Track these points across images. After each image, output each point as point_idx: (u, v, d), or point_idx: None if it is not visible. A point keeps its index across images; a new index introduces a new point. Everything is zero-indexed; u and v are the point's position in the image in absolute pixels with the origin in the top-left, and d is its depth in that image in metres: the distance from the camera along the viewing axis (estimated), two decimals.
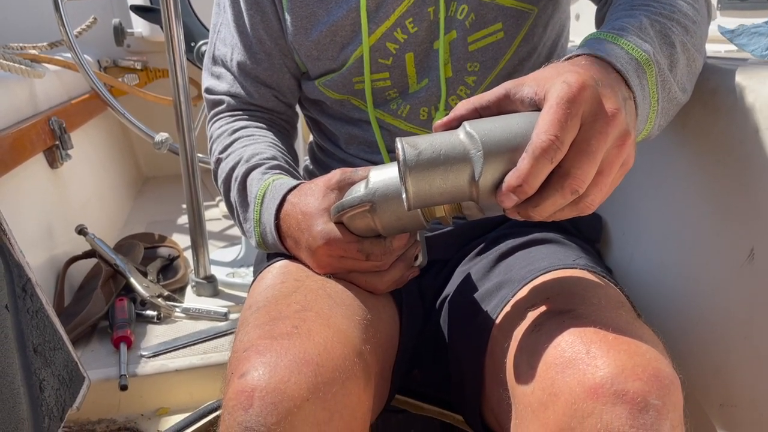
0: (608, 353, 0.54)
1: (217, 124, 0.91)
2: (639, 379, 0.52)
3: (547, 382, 0.55)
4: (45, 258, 1.23)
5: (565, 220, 0.87)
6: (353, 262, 0.69)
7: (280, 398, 0.55)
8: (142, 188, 2.28)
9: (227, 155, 0.85)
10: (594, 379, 0.52)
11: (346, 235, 0.68)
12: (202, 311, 1.20)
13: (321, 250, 0.69)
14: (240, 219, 0.83)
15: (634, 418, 0.51)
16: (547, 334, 0.58)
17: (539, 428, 0.55)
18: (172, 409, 1.00)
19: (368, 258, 0.68)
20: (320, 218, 0.70)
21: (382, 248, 0.68)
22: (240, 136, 0.86)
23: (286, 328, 0.61)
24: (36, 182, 1.30)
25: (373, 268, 0.70)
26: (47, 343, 0.80)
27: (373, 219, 0.65)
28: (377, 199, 0.64)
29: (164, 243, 1.51)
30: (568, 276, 0.70)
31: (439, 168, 0.54)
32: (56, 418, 0.78)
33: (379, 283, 0.71)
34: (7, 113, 1.21)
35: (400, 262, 0.71)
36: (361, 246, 0.68)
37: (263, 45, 0.87)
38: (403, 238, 0.68)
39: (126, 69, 2.15)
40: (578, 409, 0.52)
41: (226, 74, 0.91)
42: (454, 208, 0.62)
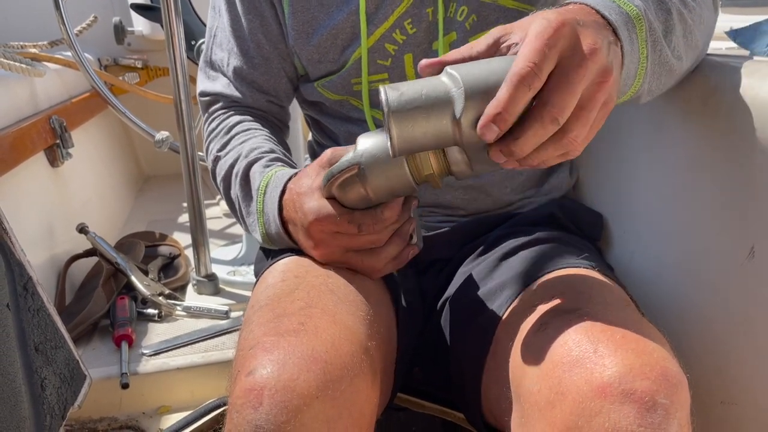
0: (616, 352, 0.54)
1: (212, 123, 0.91)
2: (647, 378, 0.52)
3: (555, 380, 0.55)
4: (46, 257, 1.23)
5: (566, 218, 0.87)
6: (347, 238, 0.68)
7: (289, 396, 0.55)
8: (143, 187, 2.28)
9: (226, 152, 0.85)
10: (602, 378, 0.52)
11: (336, 208, 0.67)
12: (203, 309, 1.20)
13: (313, 226, 0.69)
14: (242, 214, 0.83)
15: (642, 417, 0.51)
16: (553, 333, 0.58)
17: (546, 427, 0.55)
18: (174, 408, 1.01)
19: (360, 229, 0.66)
20: (312, 195, 0.69)
21: (373, 218, 0.66)
22: (237, 132, 0.86)
23: (292, 324, 0.61)
24: (37, 181, 1.30)
25: (368, 243, 0.68)
26: (48, 341, 0.80)
27: (363, 183, 0.64)
28: (364, 161, 0.63)
29: (165, 241, 1.51)
30: (573, 275, 0.70)
31: (422, 108, 0.54)
32: (58, 416, 0.78)
33: (377, 261, 0.70)
34: (7, 112, 1.21)
35: (396, 238, 0.69)
36: (351, 217, 0.66)
37: (261, 49, 0.87)
38: (395, 207, 0.66)
39: (126, 67, 2.15)
40: (586, 408, 0.52)
41: (222, 78, 0.91)
42: (442, 166, 0.61)
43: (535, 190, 0.91)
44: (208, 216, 1.38)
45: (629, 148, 0.89)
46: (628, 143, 0.90)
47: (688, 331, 0.78)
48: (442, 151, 0.61)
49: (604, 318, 0.58)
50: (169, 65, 1.20)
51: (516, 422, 0.62)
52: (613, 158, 0.93)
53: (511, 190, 0.88)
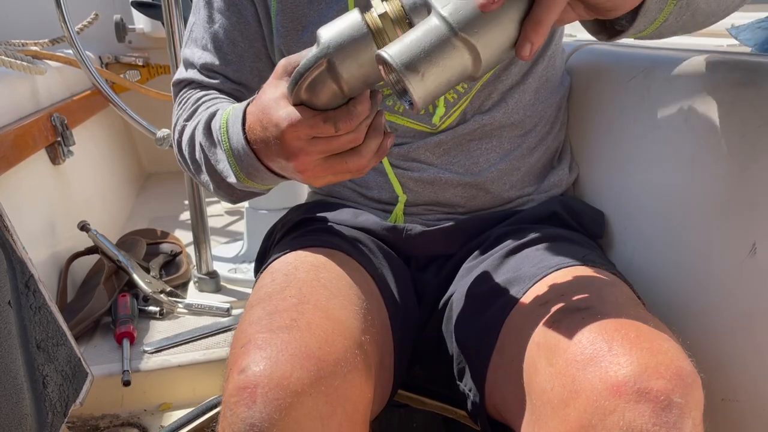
0: (631, 351, 0.54)
1: (178, 103, 0.89)
2: (662, 377, 0.52)
3: (568, 379, 0.55)
4: (48, 254, 1.24)
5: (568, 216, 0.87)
6: (326, 141, 0.62)
7: (283, 393, 0.55)
8: (144, 184, 2.28)
9: (193, 120, 0.82)
10: (617, 377, 0.52)
11: (308, 111, 0.61)
12: (204, 307, 1.20)
13: (287, 133, 0.62)
14: (211, 166, 0.77)
15: (657, 416, 0.51)
16: (566, 331, 0.58)
17: (559, 425, 0.55)
18: (175, 405, 1.01)
19: (337, 127, 0.61)
20: (278, 105, 0.63)
21: (348, 113, 0.60)
22: (203, 101, 0.83)
23: (284, 321, 0.60)
24: (38, 179, 1.30)
25: (347, 143, 0.62)
26: (50, 339, 0.80)
27: (334, 77, 0.59)
28: (332, 51, 0.58)
29: (166, 239, 1.51)
30: (581, 273, 0.70)
31: None
32: (59, 413, 0.78)
33: (361, 159, 0.64)
34: (8, 110, 1.21)
35: (372, 132, 0.63)
36: (326, 116, 0.61)
37: (235, 47, 0.86)
38: (365, 100, 0.61)
39: (127, 65, 2.15)
40: (600, 406, 0.52)
41: (191, 70, 0.90)
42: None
43: (535, 187, 0.91)
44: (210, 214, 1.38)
45: (630, 144, 0.89)
46: (628, 140, 0.90)
47: (690, 329, 0.78)
48: (407, 23, 0.57)
49: (617, 316, 0.58)
50: (170, 63, 1.20)
51: (527, 420, 0.62)
52: (613, 155, 0.93)
53: (510, 186, 0.88)
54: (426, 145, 0.85)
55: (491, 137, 0.86)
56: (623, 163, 0.91)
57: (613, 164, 0.93)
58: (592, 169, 0.98)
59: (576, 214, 0.89)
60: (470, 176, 0.85)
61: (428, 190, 0.86)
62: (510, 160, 0.87)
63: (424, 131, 0.85)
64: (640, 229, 0.88)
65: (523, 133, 0.88)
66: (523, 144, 0.88)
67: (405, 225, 0.87)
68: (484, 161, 0.86)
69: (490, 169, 0.86)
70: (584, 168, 0.99)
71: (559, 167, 0.93)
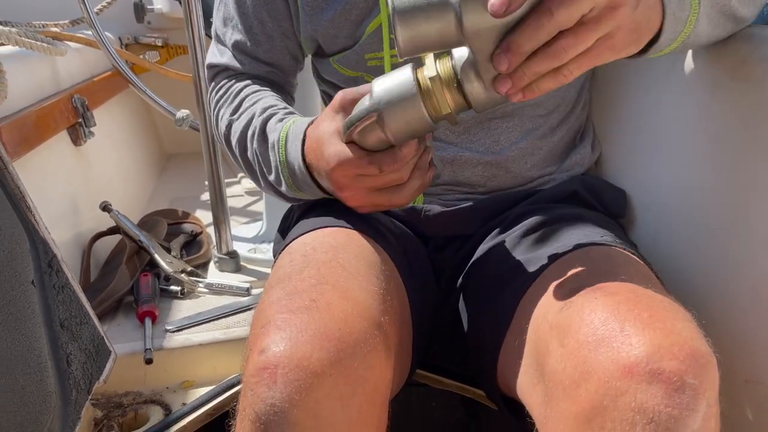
0: (643, 331, 0.53)
1: (219, 92, 0.91)
2: (675, 358, 0.51)
3: (580, 360, 0.55)
4: (70, 234, 1.25)
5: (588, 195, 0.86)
6: (370, 179, 0.68)
7: (303, 374, 0.55)
8: (165, 165, 2.29)
9: (239, 115, 0.85)
10: (629, 358, 0.52)
11: (356, 151, 0.67)
12: (224, 286, 1.21)
13: (335, 171, 0.69)
14: (263, 171, 0.83)
15: (669, 397, 0.50)
16: (578, 312, 0.58)
17: (570, 406, 0.55)
18: (197, 383, 1.02)
19: (382, 170, 0.67)
20: (330, 140, 0.69)
21: (393, 157, 0.66)
22: (246, 95, 0.87)
23: (303, 301, 0.61)
24: (60, 160, 1.32)
25: (391, 182, 0.69)
26: (73, 317, 0.81)
27: (382, 128, 0.64)
28: (383, 107, 0.64)
29: (187, 219, 1.52)
30: (597, 252, 0.69)
31: (424, 5, 0.56)
32: (83, 390, 0.79)
33: (402, 198, 0.70)
34: (30, 91, 1.22)
35: (416, 171, 0.69)
36: (372, 159, 0.67)
37: (264, 26, 0.87)
38: (412, 144, 0.67)
39: (147, 46, 2.15)
40: (612, 387, 0.52)
41: (225, 51, 0.91)
42: (457, 99, 0.62)
43: (556, 167, 0.89)
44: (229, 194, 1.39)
45: (653, 122, 0.87)
46: (652, 117, 0.88)
47: (714, 309, 0.77)
48: (456, 86, 0.61)
49: (631, 296, 0.57)
50: (188, 43, 1.20)
51: (539, 400, 0.61)
52: (637, 133, 0.91)
53: (532, 165, 0.87)
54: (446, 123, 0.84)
55: (513, 116, 0.85)
56: (647, 142, 0.89)
57: (637, 142, 0.91)
58: (615, 148, 0.96)
59: (597, 193, 0.88)
60: (491, 155, 0.84)
61: (448, 170, 0.85)
62: (531, 140, 0.86)
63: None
64: (663, 208, 0.86)
65: (546, 112, 0.87)
66: (545, 124, 0.87)
67: (423, 206, 0.86)
68: (505, 140, 0.85)
69: (511, 147, 0.85)
70: (607, 146, 0.97)
71: (581, 146, 0.92)
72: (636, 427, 0.51)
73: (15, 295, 0.71)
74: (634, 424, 0.51)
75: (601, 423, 0.52)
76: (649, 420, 0.50)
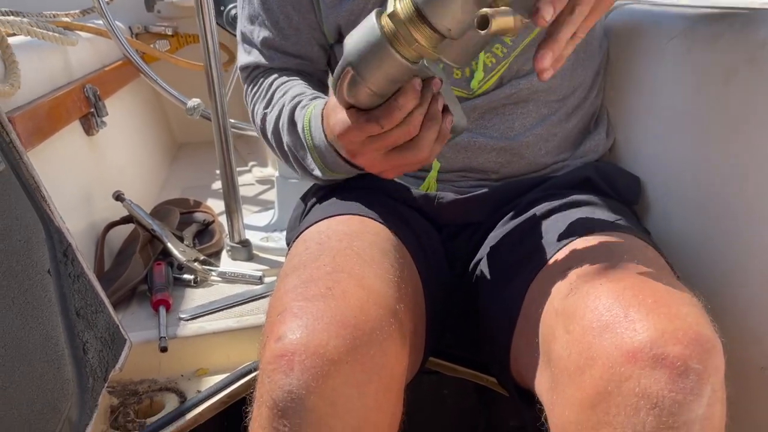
0: (647, 317, 0.53)
1: (253, 89, 0.92)
2: (679, 343, 0.51)
3: (584, 345, 0.55)
4: (84, 224, 1.26)
5: (602, 182, 0.85)
6: (378, 139, 0.65)
7: (319, 362, 0.55)
8: (176, 154, 2.30)
9: (271, 108, 0.86)
10: (632, 343, 0.52)
11: (353, 114, 0.65)
12: (237, 275, 1.21)
13: (341, 140, 0.67)
14: (299, 159, 0.82)
15: (673, 382, 0.50)
16: (583, 298, 0.58)
17: (575, 392, 0.55)
18: (211, 370, 1.03)
19: (381, 124, 0.63)
20: (334, 112, 0.68)
21: (387, 109, 0.62)
22: (277, 87, 0.87)
23: (319, 289, 0.61)
24: (73, 149, 1.32)
25: (400, 137, 0.64)
26: (89, 306, 0.82)
27: (364, 82, 0.61)
28: (355, 59, 0.60)
29: (199, 208, 1.53)
30: (607, 239, 0.69)
31: None
32: (100, 378, 0.80)
33: (420, 151, 0.65)
34: (42, 81, 1.22)
35: (428, 122, 0.64)
36: (368, 116, 0.63)
37: (290, 20, 0.87)
38: (408, 91, 0.62)
39: (157, 35, 2.15)
40: (616, 373, 0.52)
41: (252, 50, 0.92)
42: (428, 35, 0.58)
43: (570, 153, 0.89)
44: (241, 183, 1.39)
45: (669, 108, 0.86)
46: (667, 103, 0.87)
47: (728, 296, 0.76)
48: (419, 18, 0.57)
49: (636, 282, 0.57)
50: (199, 32, 1.20)
51: (545, 386, 0.62)
52: (651, 119, 0.90)
53: (546, 152, 0.86)
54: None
55: (528, 101, 0.84)
56: (662, 128, 0.88)
57: (652, 129, 0.90)
58: (629, 134, 0.95)
59: (610, 180, 0.87)
60: (505, 140, 0.84)
61: (462, 156, 0.85)
62: (546, 126, 0.85)
63: (461, 96, 0.83)
64: (677, 195, 0.86)
65: (561, 98, 0.86)
66: (561, 109, 0.86)
67: (437, 193, 0.86)
68: (519, 125, 0.84)
69: (526, 133, 0.84)
70: (621, 133, 0.96)
71: (595, 132, 0.91)
72: (640, 412, 0.51)
73: (32, 284, 0.72)
74: (638, 409, 0.51)
75: (605, 408, 0.52)
76: (653, 405, 0.50)
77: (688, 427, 0.50)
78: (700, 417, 0.50)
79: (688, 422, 0.50)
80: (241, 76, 0.96)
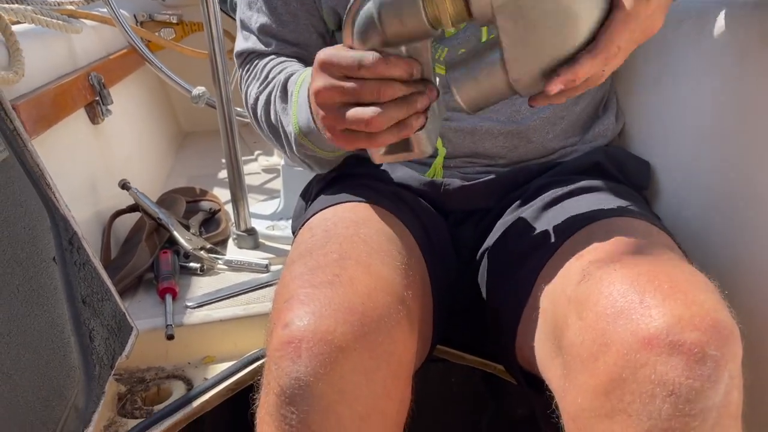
0: (664, 302, 0.52)
1: (247, 74, 0.91)
2: (697, 329, 0.50)
3: (598, 332, 0.54)
4: (90, 212, 1.26)
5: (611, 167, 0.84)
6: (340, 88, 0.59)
7: (327, 348, 0.55)
8: (182, 143, 2.30)
9: (265, 86, 0.84)
10: (648, 330, 0.51)
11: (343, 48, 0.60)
12: (243, 263, 1.21)
13: (316, 78, 0.61)
14: (282, 126, 0.79)
15: (690, 369, 0.49)
16: (597, 284, 0.57)
17: (588, 379, 0.54)
18: (218, 358, 1.03)
19: (364, 64, 0.58)
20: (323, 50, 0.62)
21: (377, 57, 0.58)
22: (272, 67, 0.85)
23: (326, 276, 0.60)
24: (78, 138, 1.32)
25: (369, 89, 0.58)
26: (95, 294, 0.82)
27: (380, 27, 0.58)
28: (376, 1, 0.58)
29: (205, 197, 1.52)
30: (618, 225, 0.68)
31: None
32: (106, 366, 0.80)
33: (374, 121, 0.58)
34: (47, 69, 1.22)
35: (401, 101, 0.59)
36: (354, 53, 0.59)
37: (288, 6, 0.85)
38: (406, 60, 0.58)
39: (162, 23, 2.14)
40: (631, 359, 0.51)
41: (250, 36, 0.90)
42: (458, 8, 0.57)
43: (579, 137, 0.87)
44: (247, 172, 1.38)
45: (679, 91, 0.85)
46: (678, 86, 0.85)
47: (742, 282, 0.75)
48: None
49: (651, 267, 0.56)
50: (203, 19, 1.19)
51: (557, 374, 0.61)
52: (662, 103, 0.89)
53: (554, 136, 0.85)
54: None
55: None
56: (672, 112, 0.87)
57: (662, 113, 0.88)
58: (639, 118, 0.94)
59: (620, 165, 0.86)
60: (512, 124, 0.83)
61: (468, 141, 0.84)
62: (554, 109, 0.84)
63: None
64: (688, 180, 0.84)
65: None
66: None
67: (443, 180, 0.85)
68: (526, 109, 0.83)
69: (533, 117, 0.83)
70: (631, 117, 0.95)
71: (604, 117, 0.90)
72: (656, 399, 0.50)
73: (37, 271, 0.72)
74: (653, 396, 0.50)
75: (619, 396, 0.52)
76: (669, 392, 0.49)
77: (704, 414, 0.49)
78: (717, 404, 0.50)
79: (705, 410, 0.49)
80: (237, 62, 0.94)
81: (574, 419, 0.57)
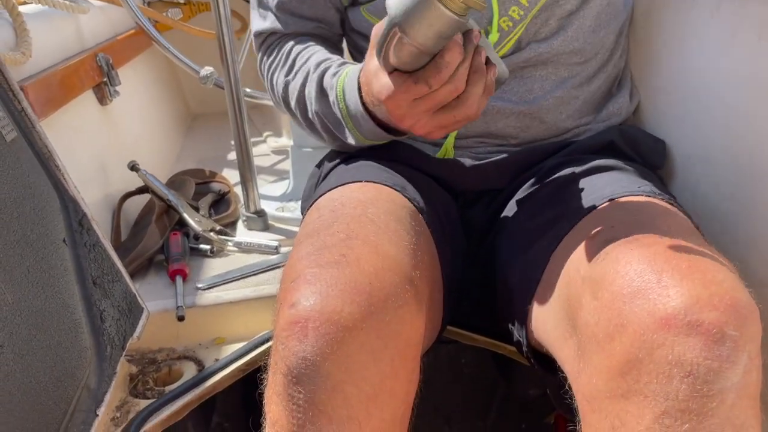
0: (681, 282, 0.51)
1: (270, 57, 0.91)
2: (715, 309, 0.49)
3: (614, 312, 0.53)
4: (100, 194, 1.26)
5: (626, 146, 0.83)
6: (425, 100, 0.64)
7: (334, 328, 0.55)
8: (191, 125, 2.29)
9: (294, 75, 0.84)
10: (666, 309, 0.50)
11: (398, 77, 0.63)
12: (253, 245, 1.21)
13: (387, 104, 0.66)
14: (329, 127, 0.81)
15: (709, 349, 0.48)
16: (613, 264, 0.56)
17: (604, 359, 0.54)
18: (229, 339, 1.03)
19: (429, 84, 0.62)
20: (376, 77, 0.66)
21: (436, 68, 0.61)
22: (297, 53, 0.85)
23: (333, 256, 0.60)
24: (87, 119, 1.32)
25: (448, 94, 0.63)
26: (106, 275, 0.82)
27: (411, 42, 0.60)
28: (401, 18, 0.59)
29: (215, 179, 1.52)
30: (633, 203, 0.67)
31: None
32: (118, 346, 0.80)
33: (468, 108, 0.64)
34: (54, 50, 1.21)
35: (473, 75, 0.63)
36: (415, 77, 0.62)
37: None
38: (454, 48, 0.60)
39: (169, 3, 2.12)
40: (648, 340, 0.50)
41: (270, 15, 0.89)
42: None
43: (592, 117, 0.86)
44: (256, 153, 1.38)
45: (695, 68, 0.83)
46: (694, 63, 0.83)
47: (758, 261, 0.74)
48: None
49: (669, 247, 0.55)
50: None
51: (571, 354, 0.60)
52: (677, 80, 0.87)
53: (567, 116, 0.84)
54: None
55: (547, 64, 0.82)
56: (688, 89, 0.85)
57: (677, 90, 0.87)
58: (654, 96, 0.92)
59: (635, 144, 0.85)
60: (524, 104, 0.81)
61: (479, 121, 0.82)
62: (567, 89, 0.82)
63: None
64: (704, 159, 0.83)
65: (583, 60, 0.83)
66: (582, 72, 0.83)
67: (454, 159, 0.84)
68: (538, 88, 0.82)
69: (546, 96, 0.82)
70: (645, 95, 0.93)
71: (618, 95, 0.88)
72: (673, 380, 0.49)
73: (47, 252, 0.72)
74: (671, 377, 0.49)
75: (636, 377, 0.51)
76: (686, 373, 0.49)
77: (723, 395, 0.49)
78: (735, 385, 0.49)
79: (723, 390, 0.49)
80: (255, 42, 0.93)
81: (588, 400, 0.56)
